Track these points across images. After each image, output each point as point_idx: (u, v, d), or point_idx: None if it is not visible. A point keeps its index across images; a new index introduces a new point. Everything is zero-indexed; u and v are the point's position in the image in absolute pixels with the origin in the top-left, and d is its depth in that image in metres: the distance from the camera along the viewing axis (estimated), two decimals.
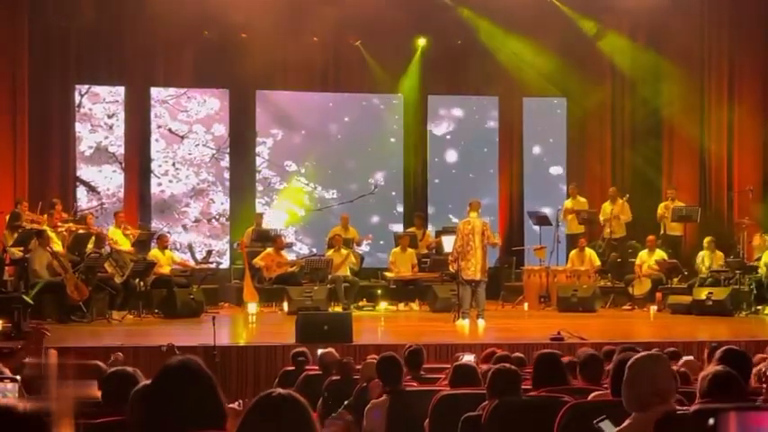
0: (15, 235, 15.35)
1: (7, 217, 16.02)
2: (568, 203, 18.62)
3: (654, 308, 16.55)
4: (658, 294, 16.78)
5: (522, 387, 5.91)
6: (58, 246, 15.18)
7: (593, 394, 5.55)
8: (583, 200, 18.69)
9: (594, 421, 4.37)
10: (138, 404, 4.03)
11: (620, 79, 20.05)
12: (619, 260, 17.89)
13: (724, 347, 5.66)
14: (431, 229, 18.92)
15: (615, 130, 19.99)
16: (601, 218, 18.27)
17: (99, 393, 5.15)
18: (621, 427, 4.26)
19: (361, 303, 17.13)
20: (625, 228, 18.30)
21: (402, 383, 6.68)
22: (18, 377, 3.73)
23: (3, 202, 16.98)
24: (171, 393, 3.24)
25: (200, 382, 3.26)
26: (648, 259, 17.19)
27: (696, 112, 19.45)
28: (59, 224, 16.11)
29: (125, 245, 16.48)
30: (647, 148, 19.78)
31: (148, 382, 4.27)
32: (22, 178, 17.58)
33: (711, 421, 1.99)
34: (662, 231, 18.07)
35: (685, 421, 4.07)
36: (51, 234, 15.17)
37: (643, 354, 4.46)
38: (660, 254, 17.16)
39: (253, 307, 16.12)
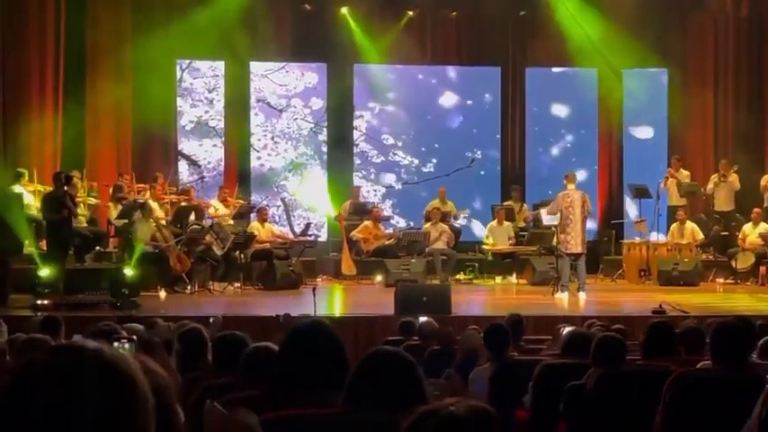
0: (119, 207, 15.69)
1: (111, 189, 16.40)
2: (671, 171, 18.23)
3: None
4: (762, 268, 16.41)
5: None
6: (161, 218, 15.49)
7: (700, 363, 5.48)
8: (686, 172, 18.31)
9: None
10: (253, 363, 4.13)
11: (723, 48, 19.58)
12: (723, 233, 17.54)
13: None
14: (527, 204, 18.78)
15: (718, 101, 19.51)
16: (710, 185, 17.86)
17: None
18: None
19: (458, 276, 17.06)
20: (734, 201, 17.87)
21: (508, 352, 6.69)
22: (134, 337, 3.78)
23: (107, 175, 17.38)
24: (302, 352, 3.36)
25: (329, 342, 3.39)
26: (752, 232, 16.83)
27: None
28: (163, 196, 16.44)
29: (226, 218, 16.73)
30: (752, 119, 19.29)
31: (262, 344, 4.37)
32: (125, 153, 17.97)
33: None
34: (765, 204, 17.64)
35: None
36: (154, 205, 15.47)
37: None
38: (765, 227, 16.77)
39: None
